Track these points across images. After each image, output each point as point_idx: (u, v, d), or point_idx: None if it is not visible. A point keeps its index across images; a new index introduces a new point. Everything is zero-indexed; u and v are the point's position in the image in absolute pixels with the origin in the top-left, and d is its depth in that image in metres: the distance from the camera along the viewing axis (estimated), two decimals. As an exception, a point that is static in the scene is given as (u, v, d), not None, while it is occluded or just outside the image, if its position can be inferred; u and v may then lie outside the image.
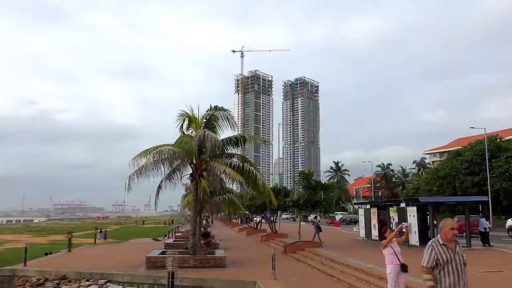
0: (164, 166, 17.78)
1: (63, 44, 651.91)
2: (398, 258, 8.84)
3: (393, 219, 23.13)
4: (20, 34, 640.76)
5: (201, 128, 17.87)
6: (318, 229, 24.84)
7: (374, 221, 25.60)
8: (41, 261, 20.71)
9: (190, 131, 18.87)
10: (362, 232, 27.80)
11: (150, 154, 16.94)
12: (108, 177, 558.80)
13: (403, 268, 8.81)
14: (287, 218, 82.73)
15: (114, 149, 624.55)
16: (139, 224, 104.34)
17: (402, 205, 22.30)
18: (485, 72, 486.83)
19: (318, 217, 26.57)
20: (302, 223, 30.21)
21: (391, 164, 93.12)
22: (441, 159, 75.81)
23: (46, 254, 24.69)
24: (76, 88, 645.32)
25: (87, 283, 15.38)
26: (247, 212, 44.31)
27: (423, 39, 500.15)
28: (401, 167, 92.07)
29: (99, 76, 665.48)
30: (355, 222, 61.77)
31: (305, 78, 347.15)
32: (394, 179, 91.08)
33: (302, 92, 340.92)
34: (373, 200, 70.72)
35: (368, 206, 28.54)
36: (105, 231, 49.76)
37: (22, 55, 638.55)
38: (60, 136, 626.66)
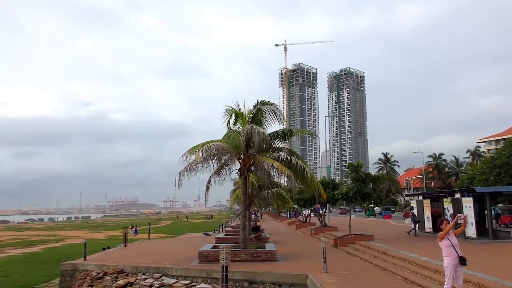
0: (212, 162, 17.94)
1: (113, 46, 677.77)
2: (456, 251, 8.54)
3: (448, 210, 22.36)
4: (72, 38, 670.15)
5: (248, 123, 17.93)
6: (415, 222, 24.57)
7: (428, 213, 24.86)
8: (99, 255, 21.60)
9: (237, 126, 18.99)
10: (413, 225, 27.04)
11: (199, 151, 17.16)
12: (159, 174, 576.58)
13: (462, 261, 8.51)
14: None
15: (165, 146, 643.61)
16: (181, 219, 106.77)
17: (457, 195, 21.47)
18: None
19: (415, 208, 25.52)
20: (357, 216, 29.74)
21: (443, 154, 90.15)
22: (497, 147, 72.20)
23: (104, 249, 25.79)
24: (128, 88, 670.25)
25: (143, 276, 15.89)
26: (295, 205, 44.21)
27: (473, 21, 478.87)
28: (454, 156, 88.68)
29: (149, 76, 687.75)
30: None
31: (350, 69, 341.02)
32: (446, 169, 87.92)
33: (348, 83, 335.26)
34: (425, 191, 68.57)
35: (420, 198, 27.74)
36: (136, 227, 52.25)
37: (75, 59, 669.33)
38: (114, 135, 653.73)
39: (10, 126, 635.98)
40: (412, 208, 26.09)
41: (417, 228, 24.58)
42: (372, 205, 63.71)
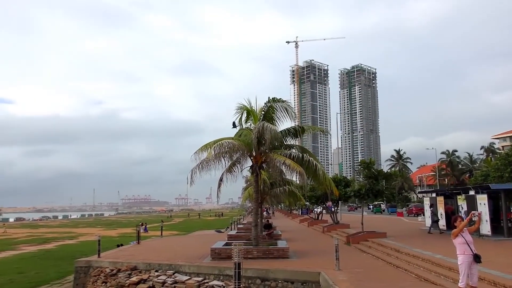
0: (224, 159, 17.98)
1: (124, 45, 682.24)
2: (471, 248, 8.45)
3: (462, 207, 22.14)
4: (84, 37, 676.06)
5: (260, 120, 17.93)
6: (435, 220, 24.29)
7: (441, 210, 24.64)
8: (113, 252, 21.80)
9: (249, 123, 18.99)
10: (428, 222, 26.85)
11: (211, 148, 17.20)
12: (171, 172, 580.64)
13: (476, 258, 8.42)
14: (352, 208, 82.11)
15: (177, 144, 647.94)
16: (192, 217, 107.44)
17: (471, 192, 21.23)
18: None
19: (434, 206, 24.97)
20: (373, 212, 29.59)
21: (456, 151, 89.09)
22: (512, 143, 71.38)
23: (118, 246, 26.01)
24: (139, 87, 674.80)
25: (156, 273, 16.00)
26: (307, 203, 44.16)
27: (484, 16, 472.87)
28: (468, 153, 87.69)
29: (160, 74, 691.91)
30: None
31: (362, 65, 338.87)
32: (460, 166, 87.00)
33: (359, 80, 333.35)
34: (438, 188, 67.97)
35: (434, 195, 27.50)
36: (146, 223, 53.32)
37: (86, 58, 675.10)
38: (126, 133, 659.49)
39: (24, 125, 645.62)
40: (432, 205, 25.62)
41: (433, 226, 24.34)
42: (377, 202, 64.11)
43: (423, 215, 49.38)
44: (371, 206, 72.07)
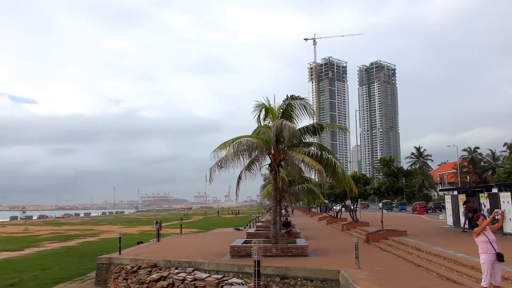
0: (243, 157, 18.01)
1: (141, 44, 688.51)
2: (493, 247, 8.30)
3: (484, 205, 21.73)
4: (102, 37, 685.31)
5: (278, 118, 17.92)
6: (467, 217, 22.73)
7: (463, 208, 24.21)
8: (133, 250, 22.08)
9: (267, 121, 19.00)
10: (450, 220, 26.46)
11: (229, 146, 17.28)
12: (190, 170, 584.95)
13: (499, 257, 8.27)
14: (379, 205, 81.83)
15: (195, 142, 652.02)
16: (209, 215, 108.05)
17: (494, 190, 20.83)
18: None
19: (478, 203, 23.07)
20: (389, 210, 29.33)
21: (478, 148, 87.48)
22: (537, 140, 69.68)
23: (138, 243, 26.33)
24: (157, 85, 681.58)
25: (176, 270, 16.16)
26: (326, 201, 43.95)
27: (508, 9, 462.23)
28: (490, 150, 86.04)
29: (177, 73, 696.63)
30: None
31: (381, 62, 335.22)
32: (482, 163, 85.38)
33: (378, 77, 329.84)
34: (460, 186, 66.91)
35: (455, 193, 27.06)
36: (161, 221, 54.18)
37: (105, 57, 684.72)
38: (145, 131, 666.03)
39: (46, 124, 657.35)
40: (466, 202, 24.31)
41: (465, 224, 23.40)
42: (389, 200, 64.79)
43: (439, 211, 48.84)
44: (394, 203, 72.43)
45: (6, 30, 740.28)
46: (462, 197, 24.78)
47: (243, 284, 14.07)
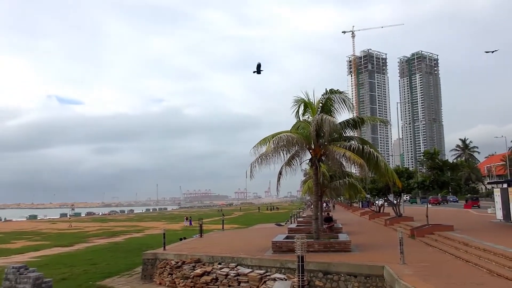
0: (283, 153, 17.97)
1: (181, 43, 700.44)
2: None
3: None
4: (143, 38, 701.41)
5: (317, 112, 17.76)
6: None
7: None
8: (177, 245, 22.51)
9: (307, 116, 18.87)
10: (499, 214, 25.46)
11: (269, 142, 17.28)
12: (230, 166, 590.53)
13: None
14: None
15: (235, 138, 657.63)
16: (245, 211, 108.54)
17: (547, 183, 19.89)
18: None
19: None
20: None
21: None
22: None
23: (181, 239, 26.83)
24: (197, 83, 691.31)
25: (219, 266, 16.36)
26: (368, 195, 43.28)
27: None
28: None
29: (216, 70, 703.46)
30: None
31: (422, 52, 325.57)
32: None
33: (420, 68, 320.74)
34: (509, 178, 64.16)
35: (505, 185, 26.00)
36: (191, 217, 55.64)
37: (146, 58, 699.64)
38: (186, 129, 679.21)
39: (92, 124, 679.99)
40: None
41: None
42: (410, 195, 68.84)
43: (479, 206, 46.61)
44: (407, 197, 74.20)
45: (54, 35, 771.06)
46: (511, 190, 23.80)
47: (286, 280, 14.07)
